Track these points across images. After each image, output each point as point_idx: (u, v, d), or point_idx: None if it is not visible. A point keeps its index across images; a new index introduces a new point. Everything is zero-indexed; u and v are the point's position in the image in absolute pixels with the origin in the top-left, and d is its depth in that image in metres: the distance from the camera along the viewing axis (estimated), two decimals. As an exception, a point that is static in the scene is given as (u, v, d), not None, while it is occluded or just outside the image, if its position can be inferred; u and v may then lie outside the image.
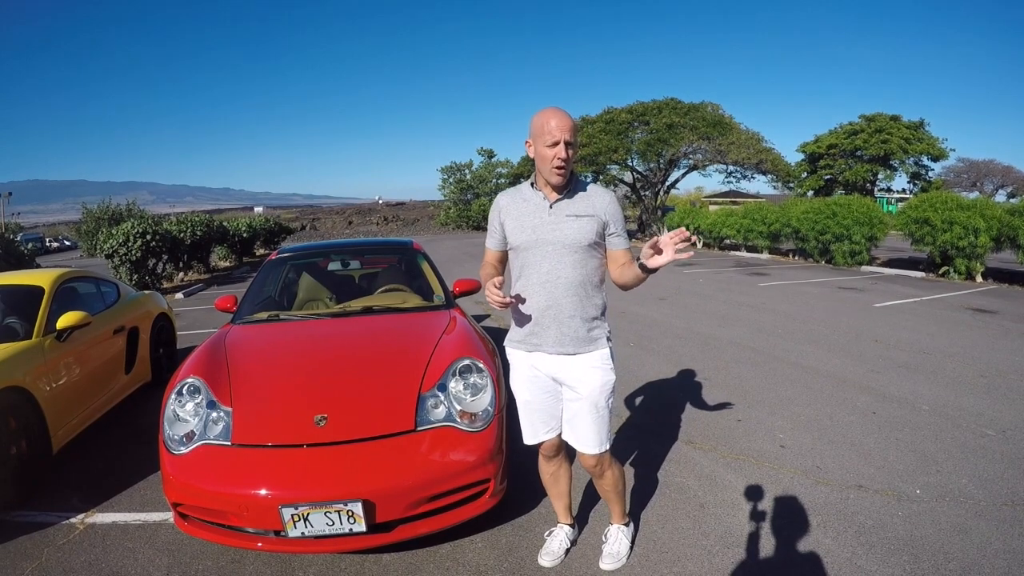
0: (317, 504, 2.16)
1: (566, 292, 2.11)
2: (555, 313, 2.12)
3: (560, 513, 2.57)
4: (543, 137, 2.03)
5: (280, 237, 27.58)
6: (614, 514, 2.52)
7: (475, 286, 4.08)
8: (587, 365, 2.16)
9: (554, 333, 2.14)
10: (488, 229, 2.33)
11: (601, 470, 2.30)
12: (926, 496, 2.95)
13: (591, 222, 2.11)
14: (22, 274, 4.33)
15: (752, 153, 25.92)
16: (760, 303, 8.78)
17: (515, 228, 2.17)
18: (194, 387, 2.65)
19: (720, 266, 14.45)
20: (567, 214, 2.11)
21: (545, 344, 2.16)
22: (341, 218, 53.14)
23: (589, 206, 2.13)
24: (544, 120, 2.03)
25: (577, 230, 2.10)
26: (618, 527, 2.52)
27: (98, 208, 23.17)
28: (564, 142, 2.01)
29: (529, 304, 2.15)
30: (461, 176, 42.53)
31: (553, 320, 2.13)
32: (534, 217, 2.14)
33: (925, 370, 5.11)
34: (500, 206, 2.24)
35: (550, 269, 2.11)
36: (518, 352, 2.27)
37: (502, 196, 2.27)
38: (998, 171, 47.32)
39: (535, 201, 2.16)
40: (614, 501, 2.46)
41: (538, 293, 2.13)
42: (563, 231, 2.10)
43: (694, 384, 4.86)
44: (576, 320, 2.13)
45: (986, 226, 10.68)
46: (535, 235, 2.12)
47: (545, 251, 2.11)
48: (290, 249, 4.70)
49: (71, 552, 2.66)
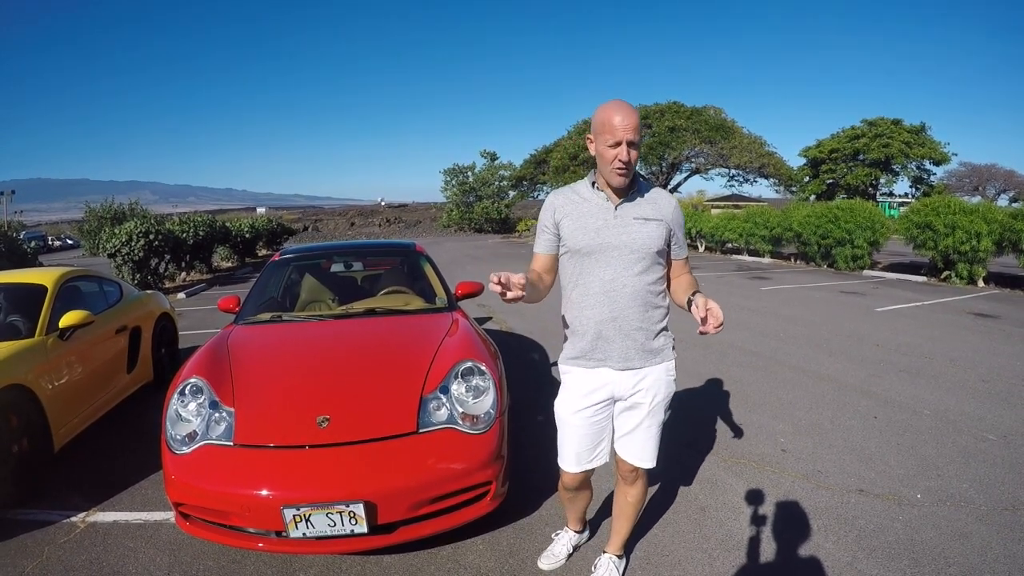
0: (319, 505, 2.16)
1: (631, 302, 1.96)
2: (620, 324, 1.97)
3: (571, 520, 2.53)
4: (604, 136, 1.87)
5: (282, 238, 27.63)
6: (614, 540, 2.36)
7: (477, 288, 4.09)
8: (654, 378, 2.04)
9: (619, 347, 1.99)
10: (537, 232, 2.13)
11: (635, 476, 2.18)
12: (927, 501, 2.95)
13: (659, 227, 1.97)
14: (25, 273, 4.34)
15: (754, 157, 25.95)
16: (762, 307, 8.78)
17: (575, 230, 1.99)
18: (197, 387, 2.65)
19: (722, 270, 14.45)
20: (634, 217, 1.96)
21: (611, 359, 2.00)
22: (343, 219, 53.22)
23: (656, 210, 1.99)
24: (607, 116, 1.86)
25: (647, 235, 1.95)
26: (610, 558, 2.35)
27: (101, 207, 23.23)
28: (627, 142, 1.85)
29: (590, 315, 1.99)
30: (464, 178, 42.57)
31: (618, 332, 1.98)
32: (597, 219, 1.97)
33: (926, 374, 5.11)
34: (555, 206, 2.05)
35: (614, 277, 1.96)
36: (577, 370, 2.07)
37: (556, 196, 2.09)
38: (1000, 175, 47.30)
39: (596, 202, 2.00)
40: (626, 520, 2.30)
41: (600, 303, 1.97)
42: (631, 235, 1.95)
43: (695, 388, 4.86)
44: (642, 333, 1.99)
45: (988, 230, 10.67)
46: (599, 238, 1.95)
47: (610, 256, 1.95)
48: (293, 250, 4.71)
49: (72, 550, 2.66)
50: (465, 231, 41.57)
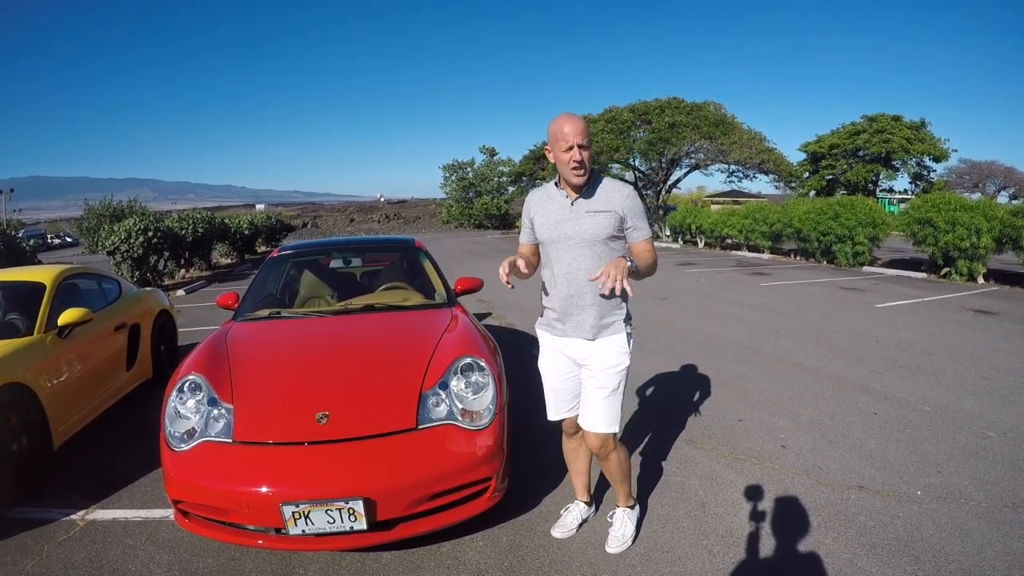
0: (318, 502, 2.16)
1: (586, 282, 2.25)
2: (577, 301, 2.30)
3: (578, 490, 2.74)
4: (559, 143, 2.20)
5: (281, 234, 27.60)
6: (619, 496, 2.62)
7: (477, 284, 4.08)
8: (603, 348, 2.32)
9: (575, 319, 2.32)
10: (521, 225, 2.53)
11: (606, 452, 2.41)
12: (927, 497, 2.95)
13: (608, 217, 2.26)
14: (24, 270, 4.33)
15: (754, 153, 25.90)
16: (761, 303, 8.77)
17: (541, 224, 2.36)
18: (195, 384, 2.65)
19: (721, 266, 14.44)
20: (586, 210, 2.27)
21: (569, 330, 2.35)
22: (343, 216, 53.13)
23: (606, 202, 2.27)
24: (558, 127, 2.19)
25: (595, 225, 2.25)
26: (623, 510, 2.62)
27: (100, 205, 23.19)
28: (577, 145, 2.17)
29: (554, 292, 2.36)
30: (463, 174, 42.48)
31: (575, 307, 2.31)
32: (557, 214, 2.31)
33: (926, 371, 5.10)
34: (530, 204, 2.43)
35: (571, 261, 2.28)
36: (546, 334, 2.47)
37: (532, 195, 2.46)
38: (1000, 172, 47.24)
39: (559, 199, 2.33)
40: (619, 483, 2.56)
41: (561, 283, 2.32)
42: (582, 226, 2.26)
43: (695, 384, 4.85)
44: (596, 308, 2.29)
45: (988, 227, 10.65)
46: (557, 230, 2.30)
47: (566, 245, 2.29)
48: (292, 247, 4.70)
49: (72, 548, 2.66)
50: (464, 227, 41.52)
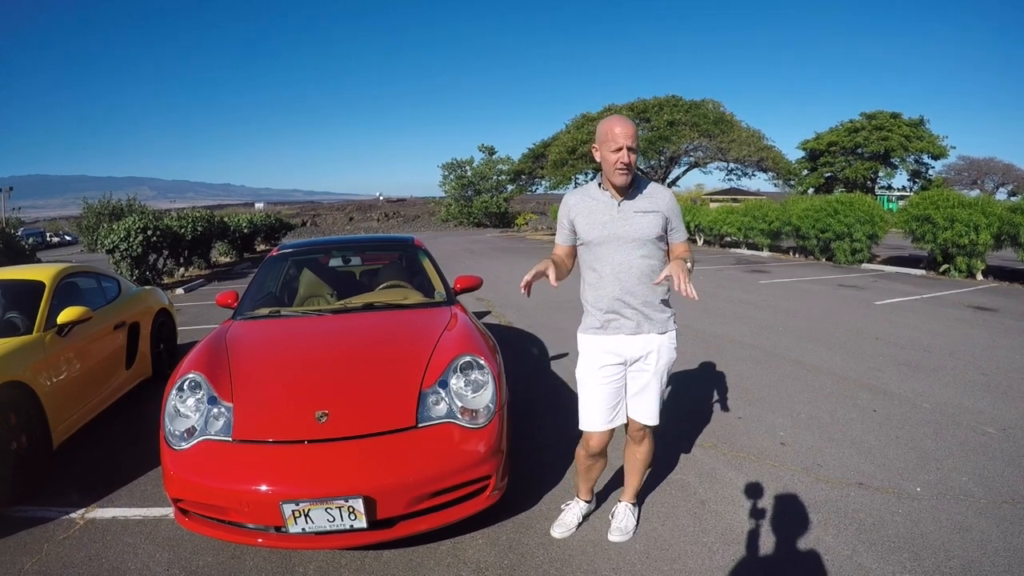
0: (318, 500, 2.16)
1: (638, 281, 2.32)
2: (630, 299, 2.34)
3: (582, 491, 2.74)
4: (608, 143, 2.24)
5: (281, 233, 27.59)
6: (628, 490, 2.69)
7: (476, 283, 4.08)
8: (659, 343, 2.39)
9: (630, 316, 2.36)
10: (557, 227, 2.53)
11: (643, 436, 2.52)
12: (926, 494, 2.95)
13: (656, 217, 2.33)
14: (23, 269, 4.32)
15: (753, 151, 25.91)
16: (761, 300, 8.77)
17: (586, 225, 2.36)
18: (195, 383, 2.65)
19: (720, 263, 14.44)
20: (634, 211, 2.33)
21: (624, 327, 2.37)
22: (342, 214, 53.11)
23: (653, 203, 2.34)
24: (609, 127, 2.24)
25: (645, 225, 2.31)
26: (626, 505, 2.69)
27: (99, 203, 23.17)
28: (627, 147, 2.21)
29: (603, 292, 2.37)
30: (462, 173, 42.45)
31: (627, 306, 2.35)
32: (604, 214, 2.34)
33: (926, 368, 5.11)
34: (570, 205, 2.43)
35: (622, 260, 2.33)
36: (595, 338, 2.42)
37: (571, 196, 2.46)
38: (998, 169, 47.22)
39: (604, 200, 2.36)
40: (637, 474, 2.64)
41: (611, 282, 2.35)
42: (633, 226, 2.31)
43: (694, 381, 4.86)
44: (648, 305, 2.36)
45: (987, 224, 10.66)
46: (606, 231, 2.33)
47: (617, 245, 2.33)
48: (291, 245, 4.69)
49: (71, 547, 2.66)
50: (464, 225, 41.51)
